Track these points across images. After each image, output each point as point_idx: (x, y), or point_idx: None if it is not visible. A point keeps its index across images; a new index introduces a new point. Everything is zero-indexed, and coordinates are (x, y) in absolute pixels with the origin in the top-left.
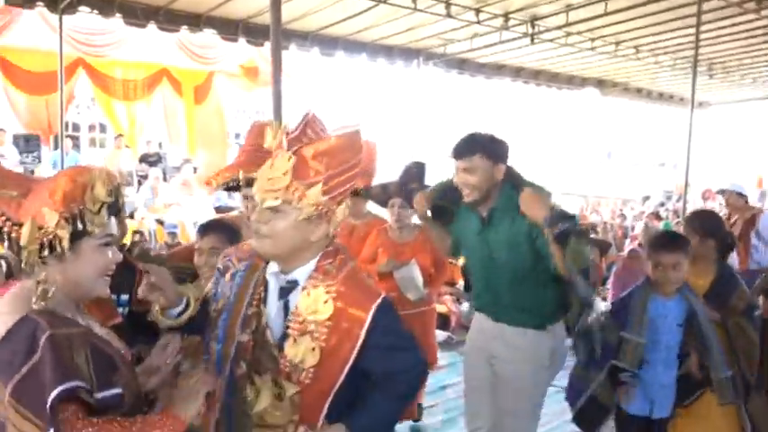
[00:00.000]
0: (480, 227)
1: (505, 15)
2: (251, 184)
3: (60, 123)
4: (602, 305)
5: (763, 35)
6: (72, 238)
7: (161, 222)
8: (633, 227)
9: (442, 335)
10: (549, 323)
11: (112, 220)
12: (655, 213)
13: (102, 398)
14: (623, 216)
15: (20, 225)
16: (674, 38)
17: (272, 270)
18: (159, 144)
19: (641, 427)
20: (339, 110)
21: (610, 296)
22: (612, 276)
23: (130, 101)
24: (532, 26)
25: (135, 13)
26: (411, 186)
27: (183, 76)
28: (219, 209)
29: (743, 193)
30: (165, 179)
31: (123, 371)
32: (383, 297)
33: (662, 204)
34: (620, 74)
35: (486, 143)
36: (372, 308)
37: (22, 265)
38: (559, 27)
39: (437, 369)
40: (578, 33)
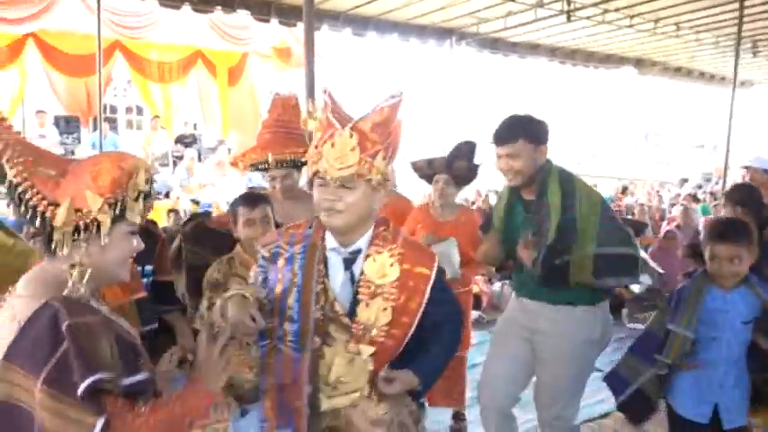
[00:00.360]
0: (525, 213)
1: None
2: (280, 164)
3: (99, 105)
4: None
5: None
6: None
7: (196, 202)
8: (670, 209)
9: (473, 314)
10: (599, 300)
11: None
12: (692, 195)
13: (130, 384)
14: (660, 198)
15: (55, 205)
16: (716, 14)
17: (331, 246)
18: (194, 125)
19: None
20: (371, 90)
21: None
22: (648, 258)
23: (166, 83)
24: (568, 3)
25: None
26: (458, 164)
27: (217, 58)
28: (252, 189)
29: None
30: (200, 160)
31: (145, 356)
32: (436, 258)
33: (699, 187)
34: (658, 52)
35: (527, 126)
36: (434, 266)
37: (52, 246)
38: (596, 4)
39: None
40: (616, 10)
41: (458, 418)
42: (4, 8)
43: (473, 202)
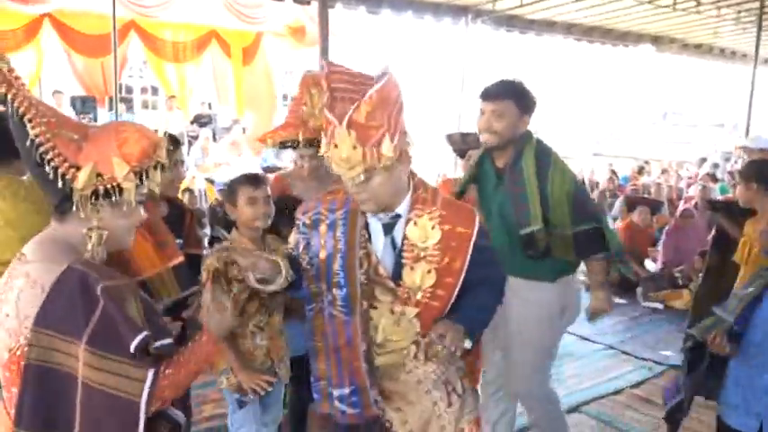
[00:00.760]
0: (496, 180)
1: None
2: (310, 143)
3: (115, 85)
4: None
5: None
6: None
7: (211, 181)
8: (687, 188)
9: None
10: (562, 275)
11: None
12: (711, 175)
13: (157, 347)
14: (679, 177)
15: (77, 168)
16: None
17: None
18: (209, 105)
19: None
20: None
21: (660, 257)
22: (664, 236)
23: (180, 63)
24: None
25: None
26: None
27: (232, 38)
28: (267, 168)
29: (766, 148)
30: (215, 139)
31: (164, 320)
32: (478, 215)
33: (716, 166)
34: (678, 29)
35: (519, 90)
36: (475, 224)
37: (65, 209)
38: None
39: None
40: None
41: None
42: None
43: None
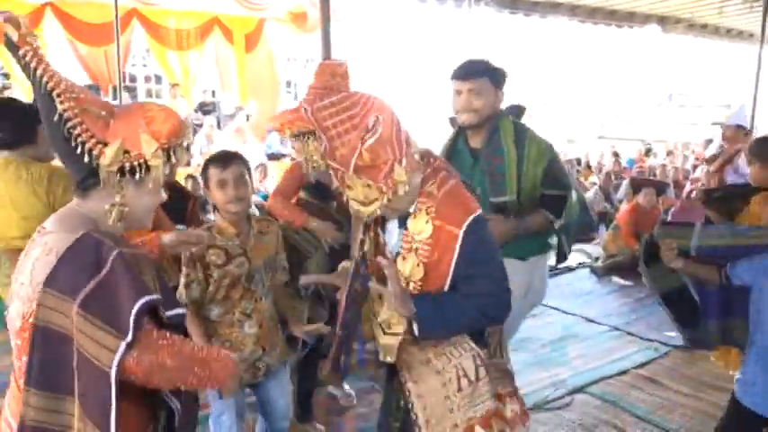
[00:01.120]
0: (472, 161)
1: None
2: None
3: (118, 74)
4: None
5: None
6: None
7: None
8: (693, 170)
9: None
10: (533, 255)
11: None
12: (717, 156)
13: (169, 317)
14: (685, 158)
15: (104, 144)
16: None
17: None
18: (212, 93)
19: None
20: (389, 53)
21: None
22: (670, 218)
23: (183, 50)
24: None
25: None
26: None
27: (234, 24)
28: (272, 155)
29: (742, 125)
30: (219, 127)
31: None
32: (476, 215)
33: (722, 147)
34: (684, 8)
35: (491, 67)
36: (465, 225)
37: (98, 185)
38: None
39: None
40: None
41: None
42: None
43: None
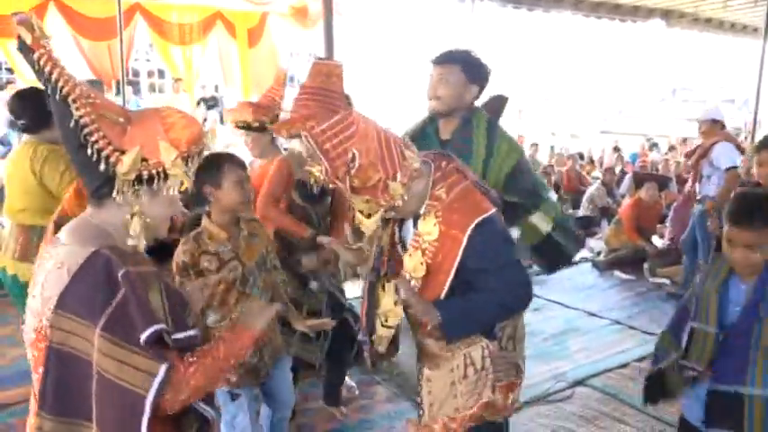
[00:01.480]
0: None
1: None
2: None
3: (122, 69)
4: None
5: None
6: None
7: None
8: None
9: None
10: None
11: None
12: None
13: (178, 339)
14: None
15: (121, 152)
16: None
17: None
18: (215, 87)
19: None
20: (391, 47)
21: (667, 233)
22: (672, 212)
23: (186, 45)
24: None
25: None
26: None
27: (237, 19)
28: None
29: (717, 119)
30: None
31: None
32: (483, 217)
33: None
34: (688, 2)
35: (468, 58)
36: (469, 231)
37: (115, 193)
38: None
39: None
40: None
41: None
42: None
43: None
